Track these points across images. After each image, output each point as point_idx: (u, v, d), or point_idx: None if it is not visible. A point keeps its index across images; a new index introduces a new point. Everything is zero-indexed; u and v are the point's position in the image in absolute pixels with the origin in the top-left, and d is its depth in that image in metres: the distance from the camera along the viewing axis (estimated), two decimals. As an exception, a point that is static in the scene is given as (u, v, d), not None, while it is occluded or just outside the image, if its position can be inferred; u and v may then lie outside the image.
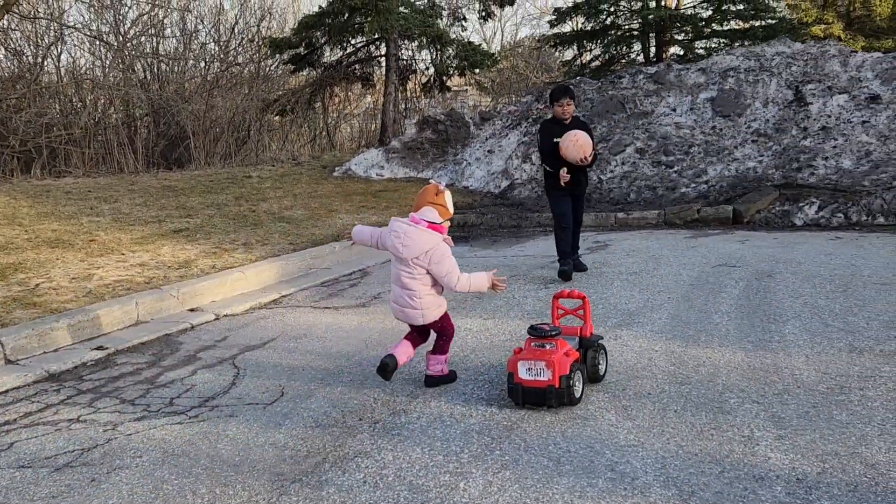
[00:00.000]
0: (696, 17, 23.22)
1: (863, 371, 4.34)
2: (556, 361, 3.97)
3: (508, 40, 41.69)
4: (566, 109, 7.01)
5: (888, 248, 7.69)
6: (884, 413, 3.76)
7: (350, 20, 17.03)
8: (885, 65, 11.86)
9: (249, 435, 3.96)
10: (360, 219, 10.28)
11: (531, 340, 4.14)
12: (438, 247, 4.35)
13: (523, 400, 4.06)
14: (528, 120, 13.38)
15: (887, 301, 5.76)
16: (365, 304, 6.67)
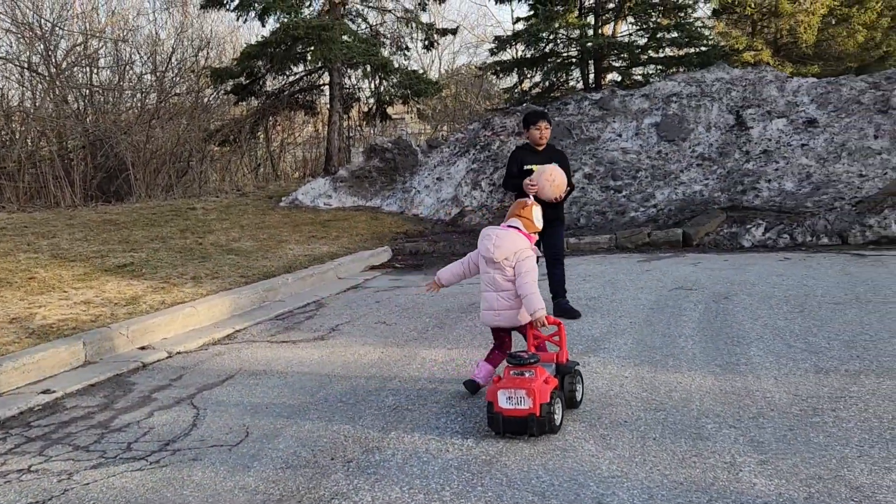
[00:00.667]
0: (633, 44, 23.68)
1: (832, 392, 4.36)
2: (536, 389, 3.91)
3: (447, 68, 42.01)
4: (543, 134, 6.53)
5: (836, 268, 7.85)
6: (860, 434, 3.77)
7: (292, 49, 16.88)
8: (820, 89, 12.21)
9: (217, 479, 3.78)
10: (310, 249, 10.12)
11: (510, 368, 4.08)
12: (527, 249, 4.47)
13: (504, 429, 3.98)
14: (476, 147, 13.41)
15: (843, 320, 5.84)
16: (323, 336, 6.52)
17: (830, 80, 12.47)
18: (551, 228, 6.40)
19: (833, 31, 27.67)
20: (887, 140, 10.90)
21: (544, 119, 6.59)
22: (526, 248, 4.46)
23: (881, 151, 10.74)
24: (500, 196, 12.15)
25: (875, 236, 9.05)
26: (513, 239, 4.47)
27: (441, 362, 5.49)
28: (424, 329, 6.48)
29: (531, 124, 6.60)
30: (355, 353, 5.92)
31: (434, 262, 10.02)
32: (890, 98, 11.53)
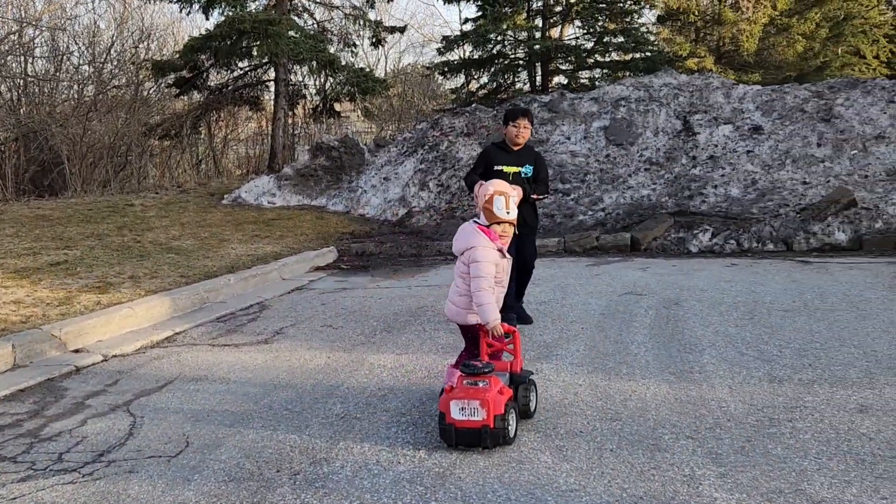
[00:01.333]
0: (580, 48, 23.83)
1: (787, 402, 4.33)
2: (490, 400, 3.77)
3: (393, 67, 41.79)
4: (522, 133, 5.98)
5: (782, 275, 7.90)
6: (817, 446, 3.72)
7: (238, 43, 16.52)
8: (765, 97, 12.37)
9: (155, 493, 3.56)
10: (253, 248, 9.86)
11: (463, 378, 3.92)
12: (478, 249, 4.19)
13: (457, 442, 3.83)
14: (424, 147, 13.26)
15: (793, 328, 5.85)
16: (267, 340, 6.31)
17: (775, 88, 12.65)
18: (521, 235, 5.81)
19: (773, 41, 28.24)
20: (830, 148, 11.08)
21: (525, 117, 6.03)
22: (477, 249, 4.19)
23: (824, 159, 10.92)
24: (448, 198, 12.03)
25: (819, 243, 9.17)
26: (466, 235, 4.28)
27: (390, 368, 5.34)
28: (372, 333, 6.32)
29: (510, 120, 6.04)
30: (301, 357, 5.72)
31: (381, 264, 9.84)
32: (832, 107, 11.74)
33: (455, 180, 12.23)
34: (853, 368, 4.84)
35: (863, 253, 8.91)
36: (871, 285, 7.18)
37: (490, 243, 4.22)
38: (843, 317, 6.10)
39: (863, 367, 4.84)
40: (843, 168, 10.69)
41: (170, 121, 18.86)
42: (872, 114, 11.48)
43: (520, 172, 5.98)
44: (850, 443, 3.74)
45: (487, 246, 4.21)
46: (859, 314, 6.15)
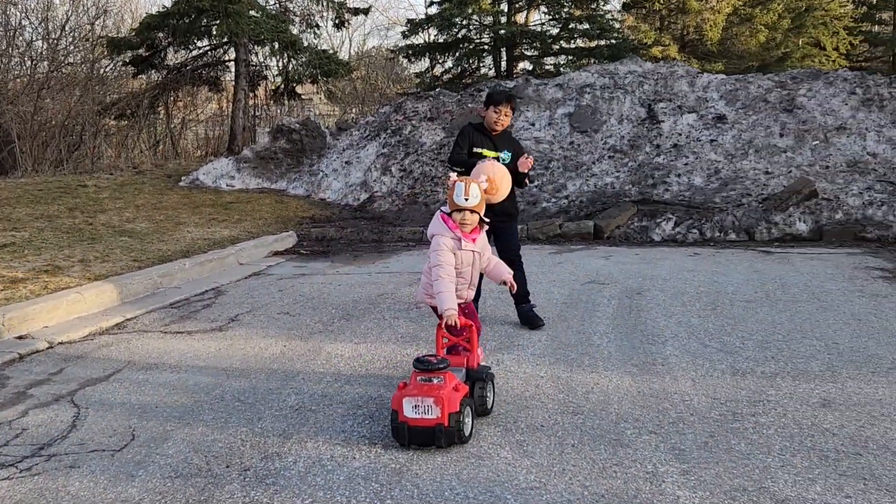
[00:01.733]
0: (545, 34, 23.76)
1: (750, 395, 4.27)
2: (444, 398, 3.62)
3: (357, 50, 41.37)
4: (501, 120, 5.66)
5: (744, 265, 7.89)
6: (781, 442, 3.66)
7: (197, 22, 16.15)
8: (729, 86, 12.37)
9: (96, 490, 3.39)
10: (210, 232, 9.62)
11: (417, 374, 3.78)
12: (436, 237, 4.16)
13: (409, 441, 3.69)
14: (387, 131, 13.07)
15: (756, 319, 5.81)
16: (222, 327, 6.12)
17: (739, 78, 12.65)
18: (502, 225, 5.71)
19: (737, 30, 28.43)
20: (792, 139, 11.11)
21: (509, 104, 5.70)
22: (435, 237, 4.14)
23: (786, 149, 10.94)
24: (411, 183, 11.87)
25: (780, 233, 9.18)
26: (432, 222, 4.22)
27: (347, 358, 5.19)
28: (330, 321, 6.16)
29: (493, 105, 5.68)
30: (256, 346, 5.56)
31: (341, 249, 9.67)
32: (795, 98, 11.77)
33: (418, 165, 12.07)
34: (815, 361, 4.80)
35: (823, 244, 8.94)
36: (831, 276, 7.18)
37: (448, 232, 4.11)
38: (804, 308, 6.08)
39: (825, 360, 4.80)
40: (805, 159, 10.73)
41: (126, 100, 18.41)
42: (834, 105, 11.53)
43: (498, 158, 5.72)
44: (814, 438, 3.68)
45: (445, 234, 4.11)
46: (821, 306, 6.13)
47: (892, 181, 10.08)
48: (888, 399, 4.13)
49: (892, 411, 3.97)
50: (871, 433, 3.72)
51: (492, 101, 5.71)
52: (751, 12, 28.07)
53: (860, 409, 4.02)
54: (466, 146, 5.70)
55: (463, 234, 4.12)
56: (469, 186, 4.08)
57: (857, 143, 10.88)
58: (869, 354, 4.90)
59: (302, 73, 17.93)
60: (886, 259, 7.93)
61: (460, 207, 4.08)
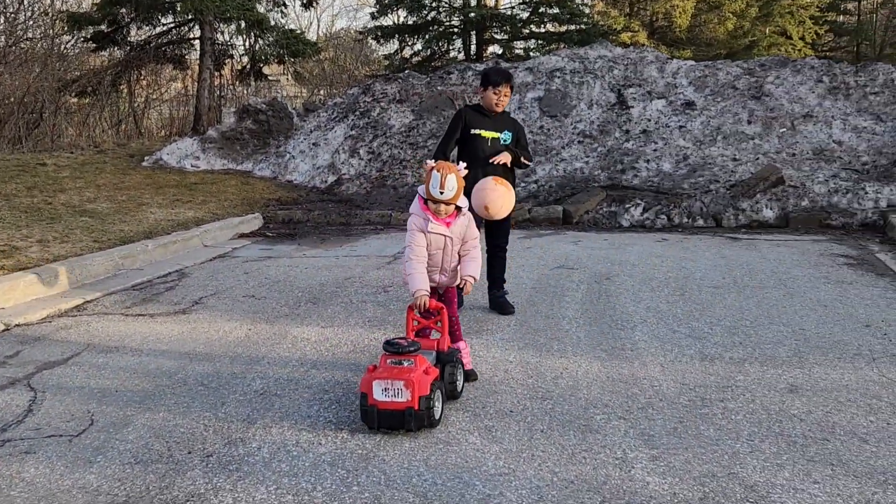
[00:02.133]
0: (515, 17, 23.66)
1: (719, 381, 4.26)
2: (415, 381, 3.57)
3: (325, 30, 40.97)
4: (502, 101, 5.51)
5: (712, 251, 7.91)
6: (749, 427, 3.65)
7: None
8: (698, 73, 12.39)
9: (52, 477, 3.29)
10: (174, 213, 9.44)
11: (387, 357, 3.72)
12: (410, 217, 4.14)
13: (379, 424, 3.63)
14: (356, 113, 12.92)
15: (724, 305, 5.82)
16: (185, 310, 6.00)
17: (708, 64, 12.68)
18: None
19: (705, 18, 28.58)
20: (760, 126, 11.16)
21: (508, 83, 5.52)
22: (409, 218, 4.14)
23: (754, 137, 10.99)
24: (380, 165, 11.76)
25: (747, 220, 9.23)
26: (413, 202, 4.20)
27: (314, 342, 5.11)
28: (297, 304, 6.07)
29: (492, 85, 5.48)
30: (220, 329, 5.45)
31: (308, 232, 9.55)
32: (763, 85, 11.82)
33: (387, 148, 11.95)
34: (783, 347, 4.81)
35: (789, 230, 9.00)
36: (798, 263, 7.22)
37: (421, 213, 4.06)
38: (771, 294, 6.10)
39: (792, 346, 4.82)
40: (772, 146, 10.79)
41: (87, 77, 17.98)
42: (801, 93, 11.60)
43: (499, 139, 5.54)
44: (782, 424, 3.68)
45: (417, 215, 4.07)
46: (787, 292, 6.16)
47: (857, 169, 10.18)
48: (854, 385, 4.15)
49: (858, 397, 3.98)
50: (837, 419, 3.73)
51: (490, 82, 5.50)
52: (719, 0, 28.21)
53: (827, 394, 4.03)
54: (457, 132, 5.56)
55: (434, 217, 4.06)
56: (446, 178, 3.93)
57: (823, 131, 10.97)
58: (835, 340, 4.92)
59: (269, 52, 17.63)
60: (851, 246, 8.00)
61: (435, 199, 3.99)
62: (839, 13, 43.53)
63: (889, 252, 7.65)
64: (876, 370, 4.37)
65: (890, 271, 6.85)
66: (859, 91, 11.50)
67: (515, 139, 5.66)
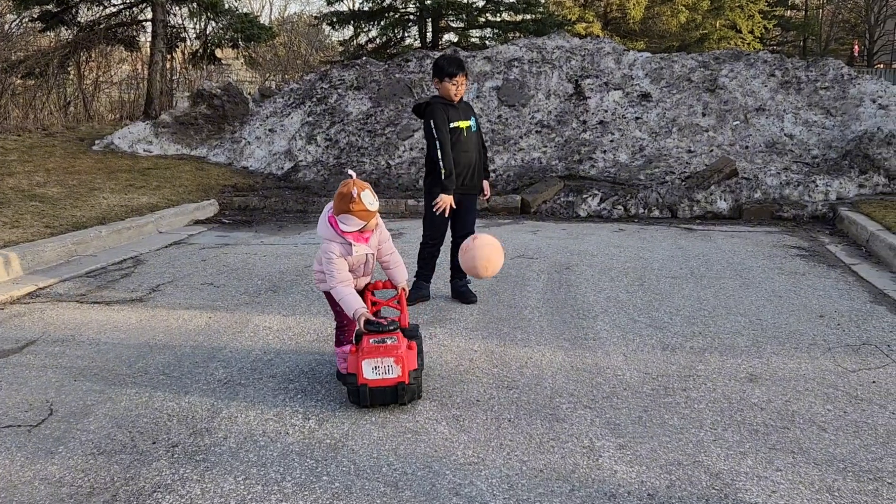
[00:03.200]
0: (471, 5, 23.63)
1: (680, 370, 4.33)
2: (404, 356, 3.71)
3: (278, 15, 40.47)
4: (460, 90, 5.52)
5: (668, 241, 8.02)
6: (712, 416, 3.72)
7: (111, -22, 15.45)
8: (654, 65, 12.52)
9: (12, 469, 3.22)
10: (127, 199, 9.26)
11: (370, 336, 3.75)
12: (326, 244, 3.90)
13: (371, 401, 3.74)
14: (313, 99, 12.79)
15: (682, 295, 5.91)
16: (142, 297, 5.90)
17: (664, 57, 12.81)
18: (467, 201, 5.69)
19: (659, 10, 28.88)
20: (714, 118, 11.33)
21: (463, 72, 5.52)
22: (324, 242, 3.88)
23: (708, 129, 11.15)
24: (337, 153, 11.66)
25: (702, 211, 9.37)
26: (321, 221, 3.95)
27: (276, 330, 5.07)
28: (256, 292, 6.01)
29: (447, 76, 5.45)
30: (179, 317, 5.38)
31: (265, 219, 9.45)
32: (717, 78, 11.99)
33: (344, 135, 11.86)
34: (741, 337, 4.90)
35: (742, 222, 9.16)
36: (752, 254, 7.36)
37: (337, 237, 3.87)
38: (728, 285, 6.21)
39: (750, 336, 4.91)
40: (726, 138, 10.96)
41: (34, 58, 17.51)
42: (755, 86, 11.80)
43: (470, 126, 5.57)
44: (744, 413, 3.76)
45: (334, 240, 3.87)
46: (743, 282, 6.28)
47: (808, 162, 10.40)
48: (811, 374, 4.25)
49: (815, 386, 4.08)
50: (797, 407, 3.82)
51: (446, 74, 5.44)
52: (673, -7, 28.53)
53: (785, 383, 4.12)
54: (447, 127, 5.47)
55: (356, 239, 3.90)
56: (366, 190, 3.82)
57: (775, 125, 11.18)
58: (791, 330, 5.03)
59: (222, 36, 17.40)
60: (802, 238, 8.18)
61: (369, 210, 3.81)
62: (787, 8, 44.40)
63: (839, 244, 7.85)
64: (831, 359, 4.48)
65: (841, 263, 7.02)
66: (810, 86, 11.74)
67: (477, 123, 5.73)
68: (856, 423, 3.64)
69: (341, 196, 3.80)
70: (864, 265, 6.91)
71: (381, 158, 11.28)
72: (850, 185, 9.63)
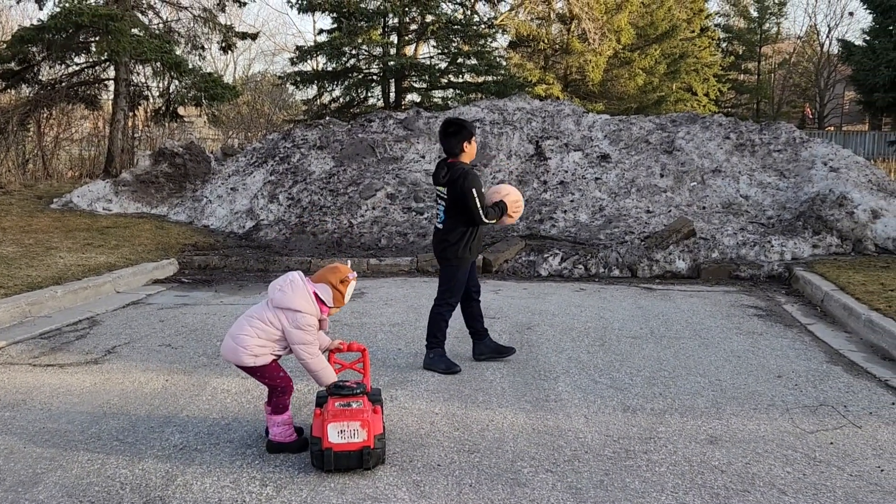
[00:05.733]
0: (434, 67, 24.06)
1: (641, 432, 4.33)
2: (370, 421, 3.69)
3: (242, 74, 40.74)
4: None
5: (629, 301, 8.09)
6: (673, 480, 3.72)
7: (74, 38, 15.48)
8: (613, 126, 12.78)
9: (-46, 543, 3.11)
10: (85, 258, 9.13)
11: (335, 400, 3.77)
12: (306, 316, 3.92)
13: (336, 466, 3.69)
14: (276, 158, 12.82)
15: (642, 356, 5.94)
16: (97, 360, 5.78)
17: (622, 119, 13.10)
18: (472, 262, 5.78)
19: (617, 73, 29.62)
20: (672, 179, 11.55)
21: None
22: (303, 315, 3.91)
23: (666, 189, 11.37)
24: (299, 212, 11.66)
25: (661, 270, 9.49)
26: (297, 294, 3.92)
27: (235, 393, 4.99)
28: (215, 354, 5.92)
29: (473, 136, 5.58)
30: (135, 380, 5.27)
31: (225, 278, 9.36)
32: (675, 140, 12.27)
33: (307, 194, 11.87)
34: (701, 398, 4.93)
35: (700, 281, 9.29)
36: (710, 314, 7.45)
37: (318, 313, 3.99)
38: (687, 345, 6.27)
39: (710, 397, 4.94)
40: (684, 199, 11.17)
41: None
42: (710, 148, 12.08)
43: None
44: (704, 476, 3.76)
45: (314, 314, 3.96)
46: (702, 342, 6.34)
47: (763, 223, 10.62)
48: (770, 435, 4.28)
49: (775, 448, 4.10)
50: (756, 470, 3.83)
51: (474, 133, 5.59)
52: (630, 56, 29.32)
53: (745, 445, 4.14)
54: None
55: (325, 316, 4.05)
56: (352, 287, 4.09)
57: (731, 186, 11.43)
58: (749, 391, 5.07)
59: (185, 95, 17.45)
60: (759, 297, 8.30)
61: (344, 301, 4.04)
62: (740, 73, 45.79)
63: (795, 304, 7.98)
64: (790, 421, 4.52)
65: (797, 322, 7.13)
66: (764, 148, 12.05)
67: None
68: (815, 486, 3.66)
69: (335, 270, 4.03)
70: (820, 325, 7.03)
71: (343, 217, 11.30)
72: (805, 245, 9.84)
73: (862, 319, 6.61)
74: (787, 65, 48.95)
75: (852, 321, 6.82)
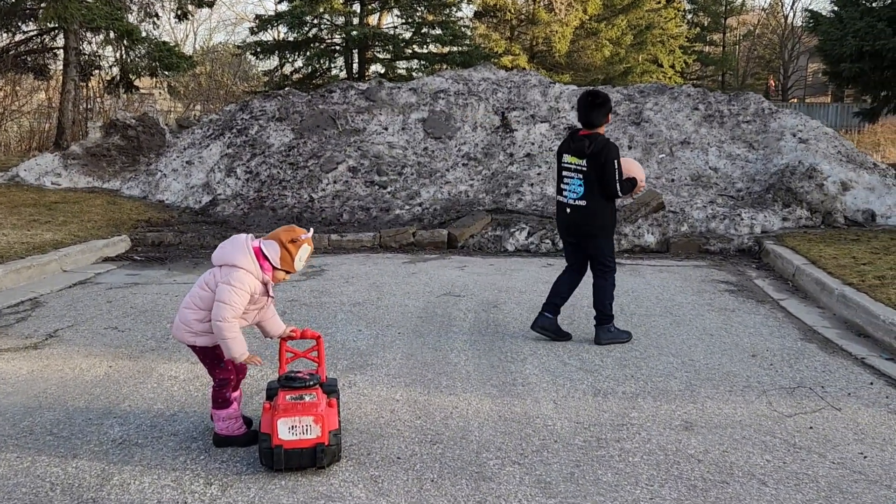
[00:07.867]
0: (398, 37, 23.55)
1: (613, 418, 4.11)
2: (324, 415, 3.38)
3: (202, 45, 39.84)
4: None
5: (597, 276, 7.86)
6: (647, 470, 3.50)
7: (20, 4, 14.81)
8: (579, 98, 12.50)
9: None
10: (30, 235, 8.70)
11: (286, 392, 3.42)
12: (241, 273, 3.52)
13: (287, 464, 3.37)
14: (233, 131, 12.38)
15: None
16: (37, 344, 5.43)
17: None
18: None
19: (583, 44, 29.29)
20: (640, 151, 11.34)
21: None
22: (239, 272, 3.52)
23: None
24: (258, 186, 11.27)
25: (630, 245, 9.29)
26: (235, 250, 3.57)
27: (182, 380, 4.69)
28: (164, 337, 5.59)
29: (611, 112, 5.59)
30: (76, 367, 4.94)
31: (180, 256, 8.99)
32: (643, 111, 12.04)
33: (265, 167, 11.47)
34: (674, 380, 4.72)
35: (670, 255, 9.10)
36: (681, 289, 7.26)
37: (261, 275, 3.58)
38: (658, 323, 6.06)
39: (683, 379, 4.74)
40: (653, 171, 10.96)
41: (-62, 86, 16.69)
42: (679, 120, 11.87)
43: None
44: (680, 466, 3.55)
45: (254, 274, 3.56)
46: (674, 320, 6.13)
47: (733, 196, 10.46)
48: (747, 420, 4.08)
49: (753, 433, 3.90)
50: (734, 458, 3.62)
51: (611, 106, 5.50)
52: (596, 27, 29.01)
53: (722, 431, 3.93)
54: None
55: (273, 282, 3.66)
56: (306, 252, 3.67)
57: (700, 158, 11.24)
58: (724, 372, 4.87)
59: (140, 64, 16.84)
60: (730, 272, 8.13)
61: (294, 264, 3.62)
62: (705, 44, 45.76)
63: (766, 278, 7.82)
64: (766, 403, 4.32)
65: (769, 298, 6.97)
66: (732, 119, 11.87)
67: None
68: (796, 475, 3.46)
69: (289, 229, 3.66)
70: (792, 300, 6.87)
71: (303, 192, 10.93)
72: (775, 218, 9.69)
73: (835, 294, 6.45)
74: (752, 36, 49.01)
75: (825, 296, 6.66)
